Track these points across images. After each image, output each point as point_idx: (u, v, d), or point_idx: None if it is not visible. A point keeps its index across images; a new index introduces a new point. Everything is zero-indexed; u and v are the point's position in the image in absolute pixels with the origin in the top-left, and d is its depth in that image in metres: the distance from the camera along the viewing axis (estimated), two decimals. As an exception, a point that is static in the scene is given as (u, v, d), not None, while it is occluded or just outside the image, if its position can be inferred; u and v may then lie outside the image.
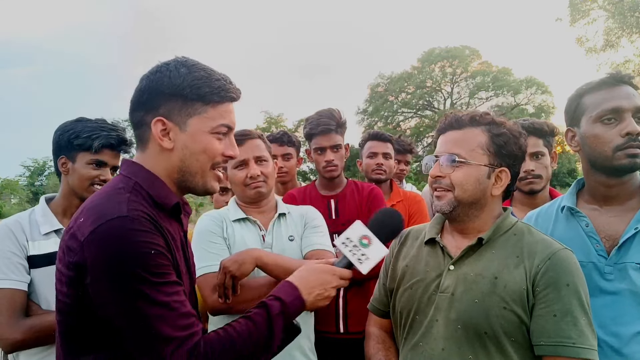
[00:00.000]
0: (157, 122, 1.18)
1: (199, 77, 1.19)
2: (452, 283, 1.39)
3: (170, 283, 1.10)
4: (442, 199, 1.42)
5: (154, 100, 1.19)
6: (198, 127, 1.20)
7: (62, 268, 1.12)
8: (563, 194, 2.28)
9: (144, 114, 1.20)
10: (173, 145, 1.19)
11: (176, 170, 1.22)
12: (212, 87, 1.20)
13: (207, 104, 1.20)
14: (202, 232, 1.92)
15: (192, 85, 1.18)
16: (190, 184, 1.24)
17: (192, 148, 1.20)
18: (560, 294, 1.27)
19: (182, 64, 1.20)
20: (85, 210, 1.14)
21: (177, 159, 1.21)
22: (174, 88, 1.18)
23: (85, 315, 1.09)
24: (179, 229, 1.28)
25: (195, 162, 1.22)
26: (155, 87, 1.19)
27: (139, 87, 1.22)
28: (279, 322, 1.23)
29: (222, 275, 1.69)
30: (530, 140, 2.12)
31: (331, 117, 2.46)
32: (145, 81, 1.21)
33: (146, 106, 1.20)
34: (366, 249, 1.37)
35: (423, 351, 1.39)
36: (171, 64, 1.20)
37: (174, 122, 1.19)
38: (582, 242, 1.52)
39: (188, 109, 1.19)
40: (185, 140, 1.20)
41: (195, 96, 1.19)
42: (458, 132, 1.43)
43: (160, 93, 1.18)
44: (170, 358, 1.06)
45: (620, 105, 1.44)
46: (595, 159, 1.51)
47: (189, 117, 1.19)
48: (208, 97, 1.20)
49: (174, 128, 1.19)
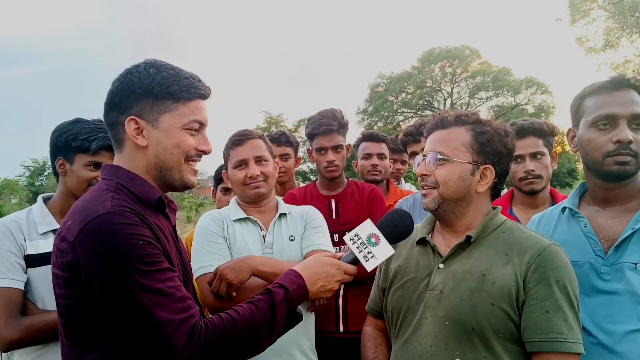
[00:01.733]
0: (130, 121, 1.23)
1: (168, 76, 1.25)
2: (441, 281, 1.41)
3: (162, 270, 1.14)
4: (428, 196, 1.46)
5: (125, 101, 1.24)
6: (170, 124, 1.25)
7: (57, 271, 1.16)
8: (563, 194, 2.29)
9: (117, 115, 1.25)
10: (147, 142, 1.24)
11: (153, 166, 1.27)
12: (181, 85, 1.25)
13: (178, 101, 1.25)
14: (203, 231, 1.92)
15: (162, 84, 1.23)
16: (168, 179, 1.28)
17: (165, 143, 1.25)
18: (551, 290, 1.29)
19: (151, 64, 1.26)
20: (72, 213, 1.19)
21: (152, 155, 1.26)
22: (144, 88, 1.23)
23: (86, 313, 1.13)
24: (167, 223, 1.32)
25: (170, 157, 1.26)
26: (127, 89, 1.24)
27: (111, 90, 1.27)
28: (282, 309, 1.28)
29: (217, 281, 1.71)
30: (530, 140, 2.13)
31: (333, 117, 2.47)
32: (116, 83, 1.26)
33: (119, 107, 1.25)
34: (373, 247, 1.41)
35: (412, 348, 1.41)
36: (140, 66, 1.26)
37: (146, 120, 1.24)
38: (580, 243, 1.53)
39: (159, 106, 1.24)
40: (158, 136, 1.25)
41: (165, 94, 1.24)
42: (443, 131, 1.47)
43: (132, 93, 1.23)
44: (172, 339, 1.10)
45: (615, 112, 1.45)
46: (588, 162, 1.53)
47: (161, 115, 1.24)
48: (177, 95, 1.25)
49: (146, 126, 1.24)
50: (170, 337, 1.10)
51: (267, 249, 1.91)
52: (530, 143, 2.14)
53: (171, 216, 1.36)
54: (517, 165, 2.14)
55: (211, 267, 1.79)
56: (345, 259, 1.44)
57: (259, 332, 1.24)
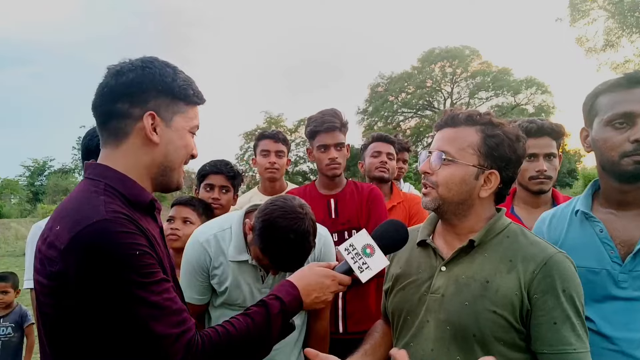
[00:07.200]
0: (148, 116, 1.19)
1: (184, 78, 1.26)
2: (443, 284, 1.38)
3: (159, 281, 1.10)
4: (428, 195, 1.42)
5: (143, 94, 1.19)
6: (181, 125, 1.25)
7: (42, 279, 1.09)
8: (563, 194, 2.28)
9: (129, 107, 1.18)
10: (159, 140, 1.21)
11: (158, 164, 1.23)
12: (195, 90, 1.27)
13: (188, 104, 1.27)
14: (188, 264, 1.82)
15: (180, 85, 1.23)
16: (167, 179, 1.26)
17: (176, 143, 1.24)
18: (559, 300, 1.26)
19: (165, 64, 1.25)
20: (59, 218, 1.11)
21: (161, 153, 1.22)
22: (165, 85, 1.21)
23: (72, 324, 1.07)
24: (155, 226, 1.28)
25: (177, 158, 1.25)
26: (146, 82, 1.19)
27: (123, 80, 1.19)
28: (277, 321, 1.26)
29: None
30: (545, 140, 2.10)
31: (335, 115, 2.47)
32: (131, 75, 1.19)
33: (134, 99, 1.19)
34: (368, 258, 1.40)
35: (414, 351, 1.39)
36: (155, 63, 1.23)
37: (162, 117, 1.21)
38: (595, 248, 1.48)
39: (174, 106, 1.23)
40: (171, 136, 1.23)
41: (182, 96, 1.24)
42: (452, 129, 1.41)
43: (152, 88, 1.20)
44: (168, 354, 1.07)
45: (632, 110, 1.38)
46: (604, 163, 1.47)
47: (175, 115, 1.24)
48: (190, 99, 1.26)
49: (161, 124, 1.21)
50: (167, 352, 1.07)
51: (265, 289, 1.78)
52: (546, 143, 2.10)
53: (157, 216, 1.32)
54: (530, 164, 2.09)
55: (190, 299, 1.76)
56: (340, 269, 1.43)
57: (255, 345, 1.22)
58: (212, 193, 2.65)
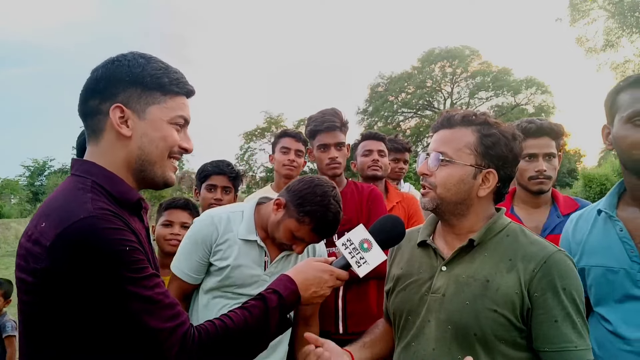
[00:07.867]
0: (115, 109, 1.15)
1: (158, 67, 1.20)
2: (443, 284, 1.39)
3: (149, 276, 1.09)
4: (426, 196, 1.43)
5: (111, 87, 1.16)
6: (157, 116, 1.19)
7: (25, 276, 1.06)
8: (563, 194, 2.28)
9: (99, 102, 1.17)
10: (131, 132, 1.17)
11: (134, 159, 1.19)
12: (171, 78, 1.21)
13: (166, 94, 1.20)
14: (192, 237, 1.86)
15: (152, 74, 1.18)
16: (149, 173, 1.21)
17: (151, 135, 1.18)
18: (559, 298, 1.27)
19: (140, 55, 1.20)
20: (44, 214, 1.09)
21: (136, 146, 1.18)
22: (133, 76, 1.17)
23: (57, 322, 1.05)
24: (142, 225, 1.26)
25: (155, 150, 1.19)
26: (114, 75, 1.17)
27: (94, 77, 1.18)
28: (275, 315, 1.26)
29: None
30: (545, 140, 2.10)
31: (335, 115, 2.47)
32: (101, 70, 1.18)
33: (103, 94, 1.17)
34: (366, 253, 1.40)
35: (415, 351, 1.40)
36: (128, 55, 1.20)
37: (133, 109, 1.17)
38: (616, 247, 1.47)
39: (147, 97, 1.18)
40: (144, 127, 1.18)
41: (155, 85, 1.18)
42: (448, 130, 1.42)
43: (119, 81, 1.16)
44: (163, 348, 1.07)
45: None
46: (625, 160, 1.47)
47: (148, 105, 1.18)
48: (167, 88, 1.20)
49: (132, 116, 1.17)
50: (162, 346, 1.06)
51: (266, 277, 1.83)
52: (545, 143, 2.10)
53: (144, 216, 1.29)
54: (529, 164, 2.09)
55: (181, 274, 1.83)
56: (337, 264, 1.43)
57: (252, 339, 1.21)
58: (215, 193, 2.67)
